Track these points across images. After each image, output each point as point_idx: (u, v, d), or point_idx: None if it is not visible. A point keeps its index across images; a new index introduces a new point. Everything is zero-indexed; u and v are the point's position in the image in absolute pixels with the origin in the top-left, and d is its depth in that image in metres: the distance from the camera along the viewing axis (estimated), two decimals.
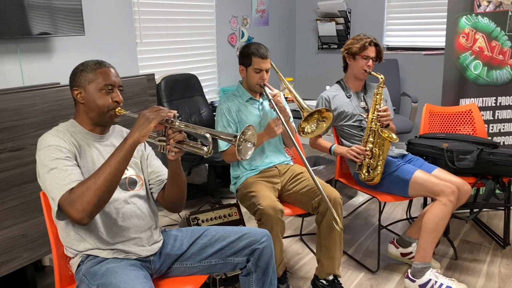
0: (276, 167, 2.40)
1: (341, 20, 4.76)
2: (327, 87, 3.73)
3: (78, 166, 1.51)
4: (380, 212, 2.57)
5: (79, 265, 1.57)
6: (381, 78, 2.49)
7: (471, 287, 2.34)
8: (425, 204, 3.00)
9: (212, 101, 3.98)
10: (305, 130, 2.31)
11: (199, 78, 3.71)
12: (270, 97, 2.24)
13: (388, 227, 3.05)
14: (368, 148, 2.46)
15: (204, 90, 3.77)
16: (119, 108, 1.59)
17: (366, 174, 2.50)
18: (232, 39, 4.26)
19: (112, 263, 1.53)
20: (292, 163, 2.51)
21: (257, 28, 4.56)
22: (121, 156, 1.42)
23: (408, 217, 3.20)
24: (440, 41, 4.25)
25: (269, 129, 2.24)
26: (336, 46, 4.95)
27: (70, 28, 2.69)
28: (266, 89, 2.30)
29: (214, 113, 3.73)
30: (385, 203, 3.30)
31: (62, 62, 2.85)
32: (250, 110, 2.38)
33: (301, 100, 2.30)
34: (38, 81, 2.64)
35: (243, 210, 2.41)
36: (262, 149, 2.38)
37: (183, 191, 1.70)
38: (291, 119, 2.42)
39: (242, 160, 1.91)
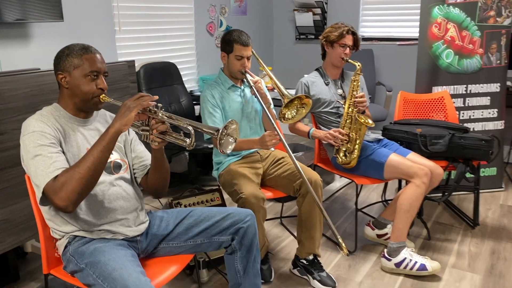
0: (258, 153, 2.46)
1: (318, 10, 4.84)
2: (305, 75, 3.81)
3: (63, 151, 1.53)
4: (357, 195, 2.66)
5: (66, 246, 1.60)
6: (358, 65, 2.57)
7: (443, 265, 2.46)
8: (399, 188, 3.11)
9: (192, 90, 4.00)
10: (286, 116, 2.37)
11: (178, 67, 3.72)
12: (252, 84, 2.29)
13: (364, 210, 3.15)
14: (345, 132, 2.54)
15: (183, 79, 3.79)
16: (103, 95, 1.61)
17: (344, 158, 2.59)
18: (210, 28, 4.27)
19: (100, 243, 1.56)
20: (273, 149, 2.57)
21: (235, 17, 4.58)
22: (103, 145, 1.44)
23: (383, 199, 3.32)
24: (414, 31, 4.37)
25: (263, 141, 2.18)
26: (313, 37, 5.02)
27: (49, 14, 2.66)
28: (248, 76, 2.34)
29: (194, 102, 3.75)
30: (361, 187, 3.41)
31: (40, 48, 2.82)
32: (232, 97, 2.42)
33: (281, 87, 2.36)
34: (16, 67, 2.61)
35: (225, 195, 2.46)
36: (244, 136, 2.43)
37: (166, 178, 1.74)
38: (272, 105, 2.48)
39: (222, 153, 1.94)
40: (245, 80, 2.38)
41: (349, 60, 2.60)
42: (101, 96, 1.60)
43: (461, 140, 2.66)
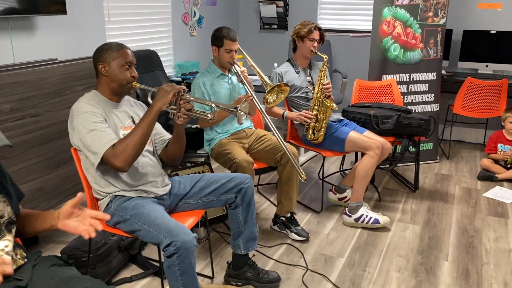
0: (243, 131, 2.94)
1: (281, 3, 5.32)
2: (275, 65, 4.32)
3: None
4: (323, 166, 3.21)
5: (108, 204, 2.02)
6: (325, 58, 3.09)
7: (391, 220, 3.07)
8: (355, 161, 3.71)
9: (169, 75, 4.38)
10: (268, 100, 2.85)
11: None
12: (239, 73, 2.76)
13: (325, 179, 3.74)
14: (314, 113, 3.06)
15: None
16: (135, 82, 2.03)
17: (312, 135, 3.12)
18: (185, 18, 4.65)
19: (138, 200, 2.00)
20: (253, 128, 3.06)
21: (206, 8, 4.98)
22: (149, 120, 1.89)
23: (341, 170, 3.92)
24: (365, 25, 4.98)
25: (239, 100, 2.73)
26: (276, 27, 5.50)
27: (54, 8, 2.97)
28: (235, 66, 2.81)
29: None
30: (324, 160, 3.98)
31: (44, 39, 3.11)
32: (222, 84, 2.87)
33: (264, 77, 2.84)
34: (25, 58, 2.91)
35: (214, 167, 2.92)
36: (232, 117, 2.89)
37: (183, 148, 2.18)
38: (253, 91, 2.95)
39: (239, 124, 2.38)
40: (233, 69, 2.84)
41: (318, 53, 3.11)
42: (133, 83, 2.02)
43: (405, 119, 3.28)
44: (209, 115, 1.98)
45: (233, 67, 2.81)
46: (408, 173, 3.94)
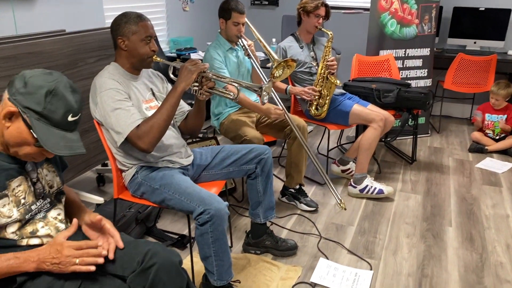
0: None
1: None
2: (273, 40, 4.32)
3: None
4: (328, 140, 3.28)
5: (133, 175, 2.02)
6: (330, 34, 3.11)
7: (393, 190, 3.18)
8: (356, 134, 3.79)
9: (164, 51, 4.32)
10: (275, 75, 2.87)
11: None
12: (247, 47, 2.76)
13: (323, 154, 3.81)
14: (318, 89, 3.11)
15: None
16: (155, 55, 2.01)
17: (315, 111, 3.17)
18: None
19: (165, 170, 2.01)
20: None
21: None
22: (174, 101, 1.89)
23: (339, 144, 4.00)
24: (359, 1, 5.01)
25: (268, 112, 2.71)
26: (267, 3, 5.47)
27: None
28: (243, 39, 2.80)
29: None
30: (323, 136, 4.05)
31: (43, 11, 3.02)
32: (230, 58, 2.87)
33: (271, 51, 2.84)
34: (26, 30, 2.82)
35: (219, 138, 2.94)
36: (243, 90, 2.90)
37: (204, 120, 2.19)
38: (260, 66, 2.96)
39: (262, 104, 2.36)
40: (239, 43, 2.83)
41: (323, 29, 3.14)
42: (153, 57, 2.00)
43: (406, 93, 3.36)
44: (231, 94, 1.98)
45: (240, 40, 2.81)
46: (402, 146, 4.05)
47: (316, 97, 3.11)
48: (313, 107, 3.16)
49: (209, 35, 5.06)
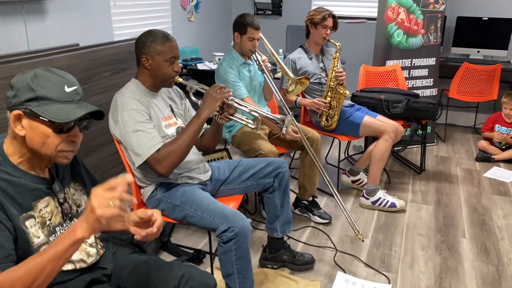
0: None
1: None
2: (280, 50, 4.33)
3: None
4: (339, 151, 3.28)
5: (152, 192, 2.01)
6: (338, 45, 3.12)
7: (404, 200, 3.18)
8: (365, 145, 3.79)
9: None
10: (289, 90, 2.88)
11: None
12: (261, 62, 2.76)
13: (331, 163, 3.81)
14: (327, 101, 3.11)
15: None
16: (177, 76, 2.00)
17: (326, 122, 3.18)
18: (183, 3, 4.57)
19: (185, 186, 1.99)
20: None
21: None
22: (196, 128, 1.88)
23: (347, 156, 4.00)
24: (361, 11, 5.04)
25: (290, 134, 2.68)
26: (270, 13, 5.49)
27: None
28: (256, 54, 2.81)
29: None
30: (331, 145, 4.05)
31: (55, 24, 3.00)
32: (244, 72, 2.86)
33: (285, 67, 2.85)
34: (38, 43, 2.80)
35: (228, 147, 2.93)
36: (257, 101, 2.90)
37: (219, 141, 2.18)
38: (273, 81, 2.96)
39: (282, 136, 2.28)
40: (253, 57, 2.83)
41: (331, 40, 3.14)
42: (175, 78, 1.99)
43: (414, 104, 3.38)
44: (251, 122, 1.98)
45: (253, 55, 2.81)
46: (409, 156, 4.06)
47: (326, 108, 3.12)
48: (324, 118, 3.17)
49: (215, 45, 5.07)
